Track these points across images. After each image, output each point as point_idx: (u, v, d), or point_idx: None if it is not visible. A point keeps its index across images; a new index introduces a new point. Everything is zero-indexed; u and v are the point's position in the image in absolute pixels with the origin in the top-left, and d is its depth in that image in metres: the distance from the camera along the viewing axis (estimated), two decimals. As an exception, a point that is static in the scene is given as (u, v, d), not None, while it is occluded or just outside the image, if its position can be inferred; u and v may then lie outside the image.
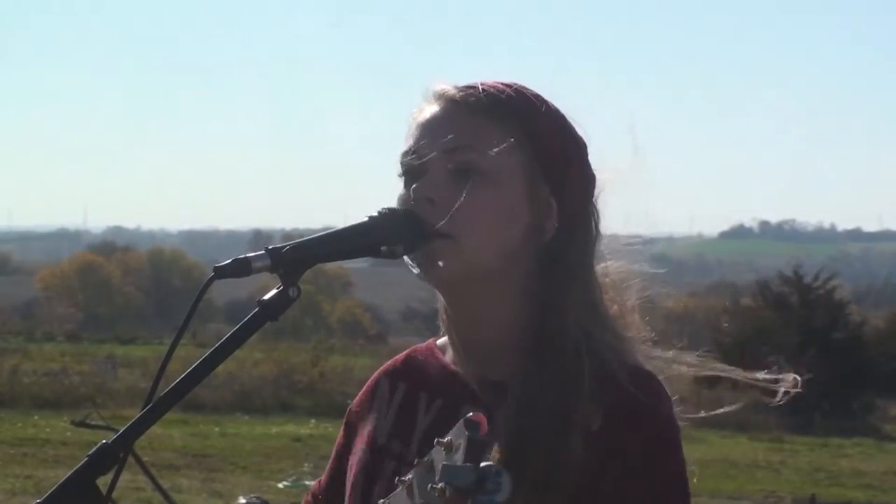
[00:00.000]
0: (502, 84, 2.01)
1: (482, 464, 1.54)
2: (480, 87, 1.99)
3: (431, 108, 2.00)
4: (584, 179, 2.01)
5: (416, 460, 1.66)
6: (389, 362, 2.18)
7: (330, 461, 2.20)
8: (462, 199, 1.93)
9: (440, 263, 1.94)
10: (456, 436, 1.58)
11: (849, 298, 36.88)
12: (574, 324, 1.94)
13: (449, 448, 1.58)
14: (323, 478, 2.20)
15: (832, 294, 33.66)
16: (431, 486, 1.57)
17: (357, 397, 2.19)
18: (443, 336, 2.11)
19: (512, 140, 1.95)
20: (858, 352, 32.11)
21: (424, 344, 2.16)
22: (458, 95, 1.98)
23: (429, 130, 1.98)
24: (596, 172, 2.04)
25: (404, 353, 2.17)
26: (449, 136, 1.95)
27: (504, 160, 1.94)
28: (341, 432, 2.18)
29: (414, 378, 2.11)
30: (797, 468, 20.87)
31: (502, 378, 1.95)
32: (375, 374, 2.18)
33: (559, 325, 1.94)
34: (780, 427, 26.40)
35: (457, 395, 2.01)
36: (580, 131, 2.04)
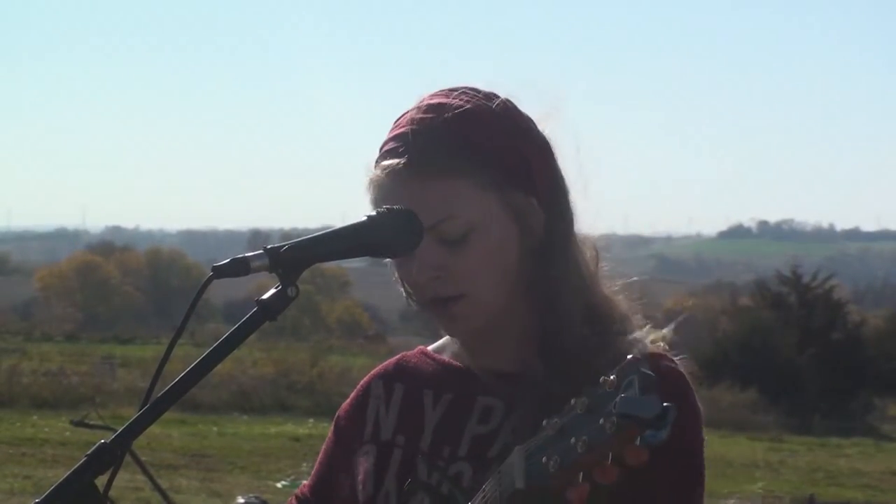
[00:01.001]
0: (429, 116, 1.99)
1: (657, 398, 1.50)
2: (413, 143, 1.96)
3: (383, 182, 1.98)
4: (543, 156, 2.01)
5: (573, 400, 1.59)
6: (380, 367, 2.19)
7: (317, 464, 2.19)
8: (460, 262, 1.95)
9: (462, 322, 1.98)
10: (623, 374, 1.54)
11: (847, 298, 36.95)
12: (581, 297, 1.96)
13: (616, 386, 1.54)
14: (309, 480, 2.20)
15: (831, 294, 33.69)
16: (602, 421, 1.53)
17: (346, 402, 2.19)
18: (436, 342, 2.13)
19: (473, 182, 1.95)
20: (857, 352, 32.15)
21: (413, 350, 2.17)
22: (401, 167, 1.97)
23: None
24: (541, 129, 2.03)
25: (394, 358, 2.18)
26: (420, 217, 1.91)
27: (478, 207, 1.96)
28: (330, 436, 2.18)
29: (411, 379, 2.11)
30: (796, 468, 20.88)
31: (514, 369, 1.96)
32: (365, 378, 2.18)
33: (565, 305, 1.96)
34: (780, 427, 26.44)
35: (467, 388, 2.02)
36: (523, 105, 2.02)
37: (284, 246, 1.83)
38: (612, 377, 1.55)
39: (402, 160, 1.97)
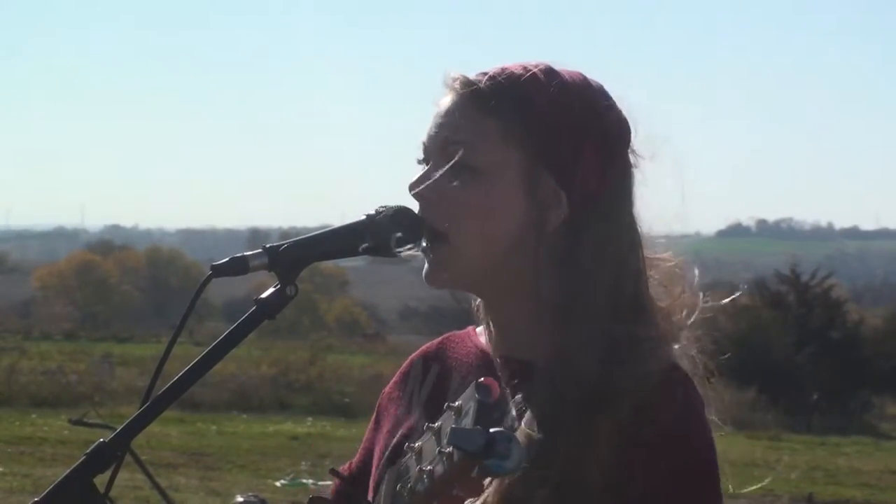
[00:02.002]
0: (520, 68, 1.97)
1: (492, 429, 1.48)
2: (487, 76, 1.97)
3: (446, 97, 2.00)
4: (604, 163, 1.96)
5: (426, 425, 1.62)
6: (425, 346, 2.17)
7: (361, 445, 2.19)
8: (456, 195, 1.93)
9: (441, 266, 1.95)
10: (466, 400, 1.53)
11: (846, 297, 36.86)
12: (600, 313, 1.91)
13: (458, 412, 1.54)
14: (354, 459, 2.19)
15: (829, 293, 33.62)
16: (440, 451, 1.52)
17: (390, 382, 2.19)
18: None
19: (508, 132, 1.94)
20: (856, 350, 32.10)
21: (463, 330, 2.14)
22: (462, 86, 1.98)
23: (437, 121, 1.98)
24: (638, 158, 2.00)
25: (441, 337, 2.17)
26: (447, 132, 1.95)
27: (497, 154, 1.93)
28: (373, 417, 2.18)
29: (447, 360, 2.10)
30: (794, 467, 20.85)
31: (531, 358, 1.93)
32: (410, 357, 2.18)
33: (582, 315, 1.91)
34: (778, 425, 26.40)
35: (492, 376, 2.00)
36: (624, 107, 1.99)
37: (283, 245, 1.83)
38: (458, 403, 1.54)
39: (464, 81, 1.98)
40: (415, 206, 1.97)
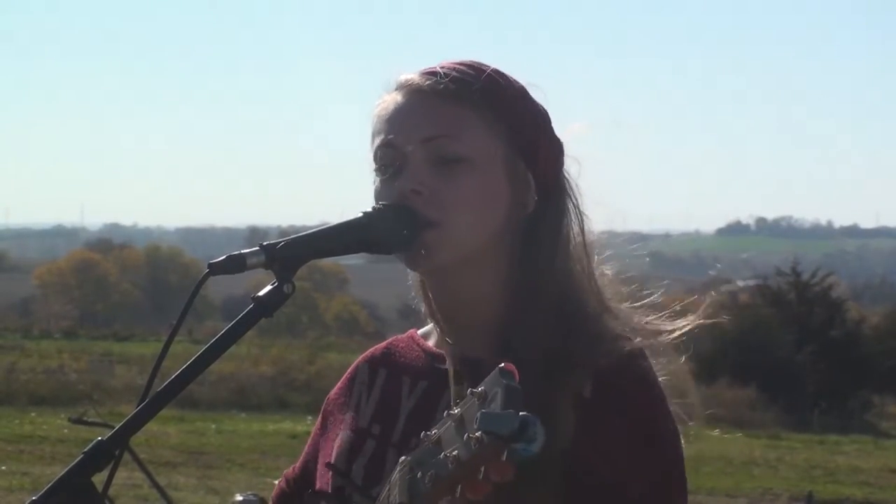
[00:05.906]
0: (462, 65, 2.01)
1: (521, 412, 1.49)
2: (443, 72, 1.99)
3: (397, 100, 2.00)
4: (553, 148, 2.04)
5: (446, 412, 1.61)
6: (369, 351, 2.21)
7: (305, 448, 2.21)
8: (447, 187, 1.94)
9: (430, 252, 1.95)
10: (490, 386, 1.53)
11: (846, 295, 36.85)
12: (557, 292, 1.96)
13: (483, 398, 1.53)
14: (297, 463, 2.21)
15: (829, 291, 33.62)
16: (468, 436, 1.51)
17: (335, 387, 2.21)
18: (425, 326, 2.13)
19: (485, 122, 1.97)
20: (855, 349, 32.10)
21: (405, 334, 2.17)
22: (424, 84, 1.99)
23: (400, 123, 1.98)
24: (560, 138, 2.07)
25: (384, 342, 2.20)
26: (424, 127, 1.96)
27: (481, 144, 1.97)
28: (318, 420, 2.20)
29: (395, 364, 2.12)
30: (794, 465, 20.85)
31: (483, 355, 1.94)
32: (354, 362, 2.20)
33: (542, 295, 1.96)
34: (777, 424, 26.41)
35: (441, 377, 2.02)
36: (541, 98, 2.06)
37: (280, 242, 1.83)
38: (481, 388, 1.54)
39: (423, 79, 1.99)
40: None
